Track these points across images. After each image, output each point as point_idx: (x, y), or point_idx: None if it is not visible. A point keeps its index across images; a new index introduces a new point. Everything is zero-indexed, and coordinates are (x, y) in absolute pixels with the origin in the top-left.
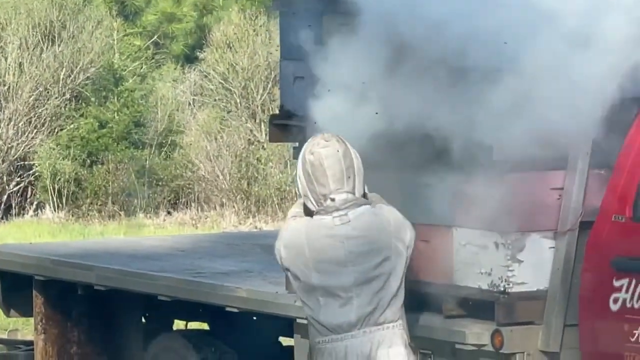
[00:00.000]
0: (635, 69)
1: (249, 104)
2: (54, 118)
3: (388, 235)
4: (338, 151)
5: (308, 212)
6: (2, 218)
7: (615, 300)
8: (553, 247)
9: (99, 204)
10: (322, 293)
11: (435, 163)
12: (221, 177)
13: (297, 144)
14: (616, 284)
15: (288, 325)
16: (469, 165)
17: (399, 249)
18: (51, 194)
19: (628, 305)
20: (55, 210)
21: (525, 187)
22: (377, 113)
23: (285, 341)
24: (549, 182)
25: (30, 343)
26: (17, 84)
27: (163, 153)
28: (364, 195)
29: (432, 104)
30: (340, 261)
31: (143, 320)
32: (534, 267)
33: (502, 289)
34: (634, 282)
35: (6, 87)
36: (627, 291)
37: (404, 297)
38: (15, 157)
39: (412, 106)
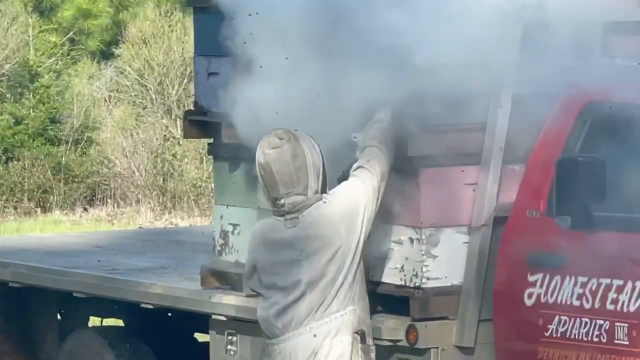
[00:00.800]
0: (542, 65)
1: (165, 100)
2: None
3: (337, 225)
4: (288, 153)
5: None
6: None
7: (530, 295)
8: (467, 242)
9: (14, 200)
10: (276, 292)
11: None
12: (137, 173)
13: (212, 140)
14: (530, 279)
15: (204, 322)
16: None
17: (350, 234)
18: None
19: (542, 300)
20: None
21: (440, 183)
22: (277, 113)
23: (201, 337)
24: (463, 177)
25: None
26: None
27: (79, 149)
28: (324, 186)
29: (341, 99)
30: (292, 261)
31: (58, 316)
32: (449, 262)
33: (416, 284)
34: (548, 277)
35: None
36: (541, 286)
37: (364, 280)
38: None
39: (323, 100)
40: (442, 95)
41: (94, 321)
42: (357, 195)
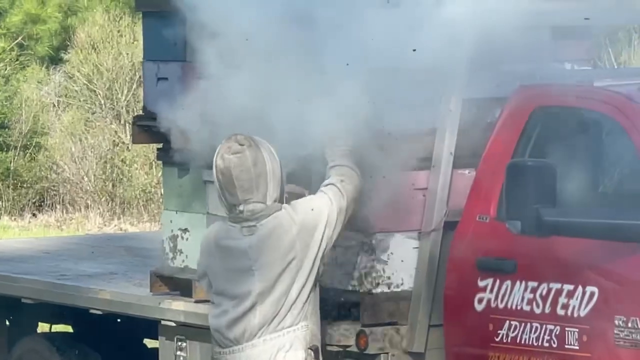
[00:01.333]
0: (497, 69)
1: (114, 105)
2: None
3: (293, 238)
4: (248, 159)
5: None
6: None
7: (480, 300)
8: (417, 248)
9: None
10: (227, 300)
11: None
12: (86, 179)
13: (161, 145)
14: (480, 284)
15: (153, 327)
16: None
17: (305, 249)
18: None
19: (492, 305)
20: None
21: (389, 187)
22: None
23: (150, 343)
24: (413, 182)
25: None
26: None
27: (28, 155)
28: (282, 196)
29: (291, 106)
30: (246, 270)
31: (7, 323)
32: (399, 267)
33: (366, 289)
34: (498, 282)
35: None
36: (491, 291)
37: (317, 296)
38: None
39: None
40: (391, 100)
41: (42, 327)
42: (320, 212)
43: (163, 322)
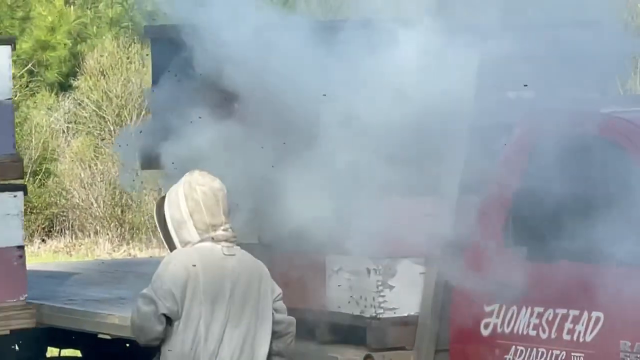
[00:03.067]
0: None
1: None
2: None
3: (264, 279)
4: (224, 189)
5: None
6: None
7: (487, 325)
8: (424, 273)
9: None
10: (200, 324)
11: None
12: (95, 204)
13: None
14: (487, 309)
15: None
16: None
17: (267, 299)
18: None
19: (499, 330)
20: None
21: (396, 213)
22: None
23: None
24: (420, 207)
25: None
26: None
27: (37, 181)
28: None
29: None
30: (224, 292)
31: (16, 347)
32: (406, 292)
33: (373, 314)
34: (504, 307)
35: None
36: (497, 316)
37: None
38: None
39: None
40: (400, 126)
41: (51, 352)
42: (275, 289)
43: None
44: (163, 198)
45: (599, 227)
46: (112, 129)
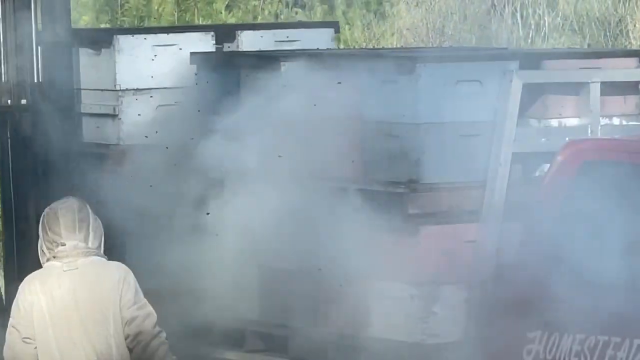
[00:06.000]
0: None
1: None
2: None
3: (115, 288)
4: (74, 204)
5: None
6: None
7: (529, 352)
8: (467, 299)
9: None
10: (55, 348)
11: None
12: None
13: None
14: (529, 335)
15: None
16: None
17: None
18: None
19: (541, 356)
20: None
21: (440, 240)
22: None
23: None
24: (463, 234)
25: None
26: None
27: None
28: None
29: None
30: (69, 310)
31: None
32: (448, 319)
33: (416, 340)
34: (547, 333)
35: None
36: (540, 342)
37: None
38: None
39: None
40: (441, 152)
41: None
42: (142, 299)
43: None
44: None
45: None
46: None
